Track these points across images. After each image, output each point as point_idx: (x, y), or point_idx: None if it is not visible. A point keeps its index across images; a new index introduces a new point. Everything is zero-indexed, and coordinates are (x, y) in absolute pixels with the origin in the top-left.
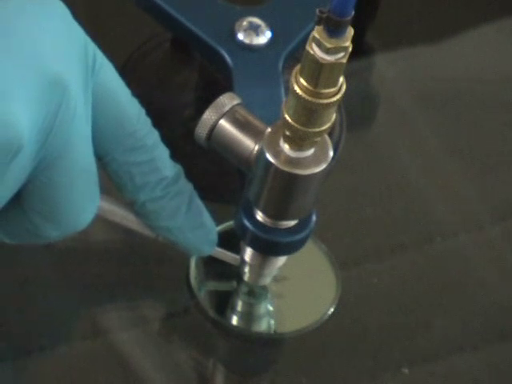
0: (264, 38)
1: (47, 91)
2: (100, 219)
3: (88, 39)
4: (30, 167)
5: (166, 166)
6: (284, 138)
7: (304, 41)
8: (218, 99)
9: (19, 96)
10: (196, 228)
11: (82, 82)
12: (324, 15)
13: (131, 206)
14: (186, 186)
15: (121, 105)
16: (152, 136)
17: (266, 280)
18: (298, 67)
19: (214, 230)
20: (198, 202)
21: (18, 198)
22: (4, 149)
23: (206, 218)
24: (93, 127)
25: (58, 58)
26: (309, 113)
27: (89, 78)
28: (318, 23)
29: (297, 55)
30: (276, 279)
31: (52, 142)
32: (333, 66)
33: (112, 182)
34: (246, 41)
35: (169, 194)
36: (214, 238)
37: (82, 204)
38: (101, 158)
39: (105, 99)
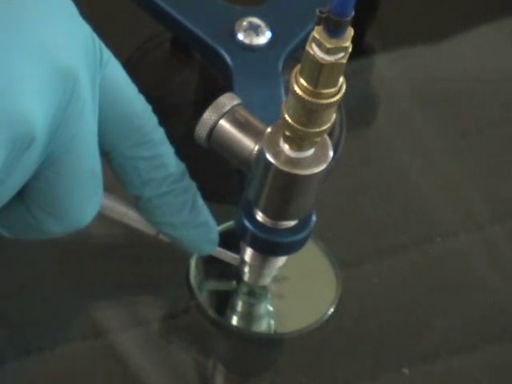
0: (264, 38)
1: (58, 83)
2: (101, 218)
3: (94, 34)
4: (39, 161)
5: (172, 162)
6: (284, 138)
7: (304, 41)
8: (218, 99)
9: (31, 88)
10: (199, 226)
11: (90, 76)
12: (324, 15)
13: (136, 201)
14: (191, 184)
15: (128, 100)
16: (159, 132)
17: (266, 280)
18: (297, 67)
19: (215, 229)
20: (201, 201)
21: (20, 193)
22: (17, 141)
23: (209, 216)
24: (100, 122)
25: (66, 52)
26: (309, 113)
27: (96, 72)
28: (318, 23)
29: (297, 55)
30: (276, 279)
31: (61, 135)
32: (333, 66)
33: (117, 177)
34: (246, 41)
35: (174, 191)
36: (216, 236)
37: (86, 200)
38: (107, 153)
39: (112, 94)
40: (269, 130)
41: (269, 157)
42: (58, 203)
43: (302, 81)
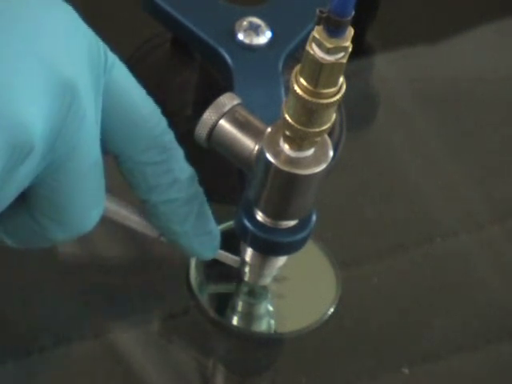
0: (264, 37)
1: (57, 93)
2: (102, 219)
3: (97, 38)
4: (38, 170)
5: (181, 168)
6: (284, 138)
7: (304, 41)
8: (218, 99)
9: (30, 98)
10: (202, 234)
11: (93, 83)
12: (324, 15)
13: (143, 205)
14: (199, 191)
15: (134, 103)
16: (167, 136)
17: (266, 280)
18: (297, 67)
19: (218, 236)
20: (207, 208)
21: (24, 201)
22: (16, 150)
23: (213, 224)
24: (107, 126)
25: (67, 60)
26: (309, 113)
27: (100, 77)
28: (318, 23)
29: (297, 55)
30: (276, 279)
31: (61, 144)
32: (333, 66)
33: (126, 180)
34: (246, 41)
35: (181, 198)
36: (218, 244)
37: (89, 206)
38: (116, 157)
39: (117, 98)
40: (269, 129)
41: (269, 156)
42: (61, 210)
43: (302, 80)
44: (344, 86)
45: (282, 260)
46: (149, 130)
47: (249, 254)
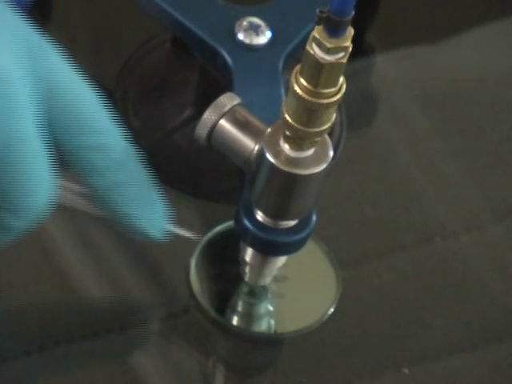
0: (264, 37)
1: None
2: (101, 218)
3: (27, 26)
4: None
5: (120, 150)
6: (284, 137)
7: (304, 41)
8: (218, 99)
9: None
10: (151, 215)
11: (23, 70)
12: (324, 15)
13: (88, 190)
14: (142, 172)
15: (69, 87)
16: (102, 119)
17: (266, 280)
18: (298, 67)
19: (164, 214)
20: (154, 188)
21: None
22: None
23: (160, 204)
24: (43, 111)
25: None
26: (309, 113)
27: (32, 64)
28: (318, 23)
29: (297, 55)
30: (276, 279)
31: None
32: (333, 65)
33: (68, 166)
34: (246, 41)
35: (124, 180)
36: (165, 223)
37: (37, 190)
38: (54, 142)
39: (51, 83)
40: (269, 129)
41: (269, 156)
42: (8, 197)
43: (302, 80)
44: (344, 86)
45: (281, 260)
46: (85, 114)
47: (249, 253)
